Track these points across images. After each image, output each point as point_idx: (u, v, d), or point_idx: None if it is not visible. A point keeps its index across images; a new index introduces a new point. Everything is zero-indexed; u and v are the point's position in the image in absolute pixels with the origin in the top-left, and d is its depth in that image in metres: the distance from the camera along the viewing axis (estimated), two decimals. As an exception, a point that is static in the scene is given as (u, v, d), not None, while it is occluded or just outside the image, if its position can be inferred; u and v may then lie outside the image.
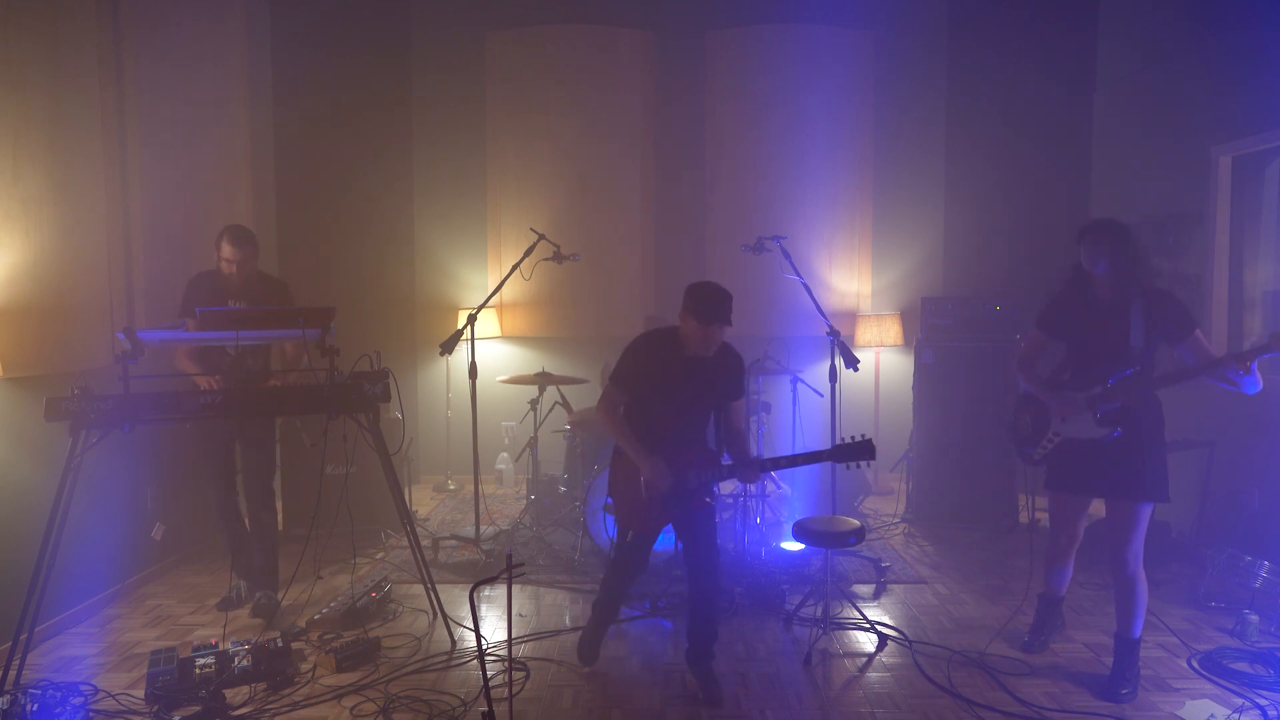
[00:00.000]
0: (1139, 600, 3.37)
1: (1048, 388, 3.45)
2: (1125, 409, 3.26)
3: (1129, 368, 3.21)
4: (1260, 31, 4.72)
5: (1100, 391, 3.26)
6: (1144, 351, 3.21)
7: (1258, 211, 5.05)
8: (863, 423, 6.82)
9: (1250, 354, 2.95)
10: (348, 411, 3.75)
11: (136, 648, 3.85)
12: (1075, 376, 3.41)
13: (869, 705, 3.31)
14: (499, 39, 7.05)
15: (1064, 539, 3.66)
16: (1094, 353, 3.34)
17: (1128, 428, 3.26)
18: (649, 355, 3.41)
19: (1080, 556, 4.43)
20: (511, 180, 7.12)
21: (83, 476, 3.45)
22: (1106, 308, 3.31)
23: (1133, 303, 3.23)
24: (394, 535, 5.48)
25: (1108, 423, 3.27)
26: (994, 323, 5.67)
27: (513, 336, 7.17)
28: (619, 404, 3.46)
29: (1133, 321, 3.20)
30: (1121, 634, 3.43)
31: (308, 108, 6.25)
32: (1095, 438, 3.30)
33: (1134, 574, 3.35)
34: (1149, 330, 3.21)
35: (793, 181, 7.00)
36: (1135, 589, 3.36)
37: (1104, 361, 3.28)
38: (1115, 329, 3.26)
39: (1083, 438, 3.34)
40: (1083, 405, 3.31)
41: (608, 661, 3.69)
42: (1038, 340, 3.59)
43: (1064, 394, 3.38)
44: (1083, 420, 3.32)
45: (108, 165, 4.40)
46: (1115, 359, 3.25)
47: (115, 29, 4.46)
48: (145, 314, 4.64)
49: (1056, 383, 3.47)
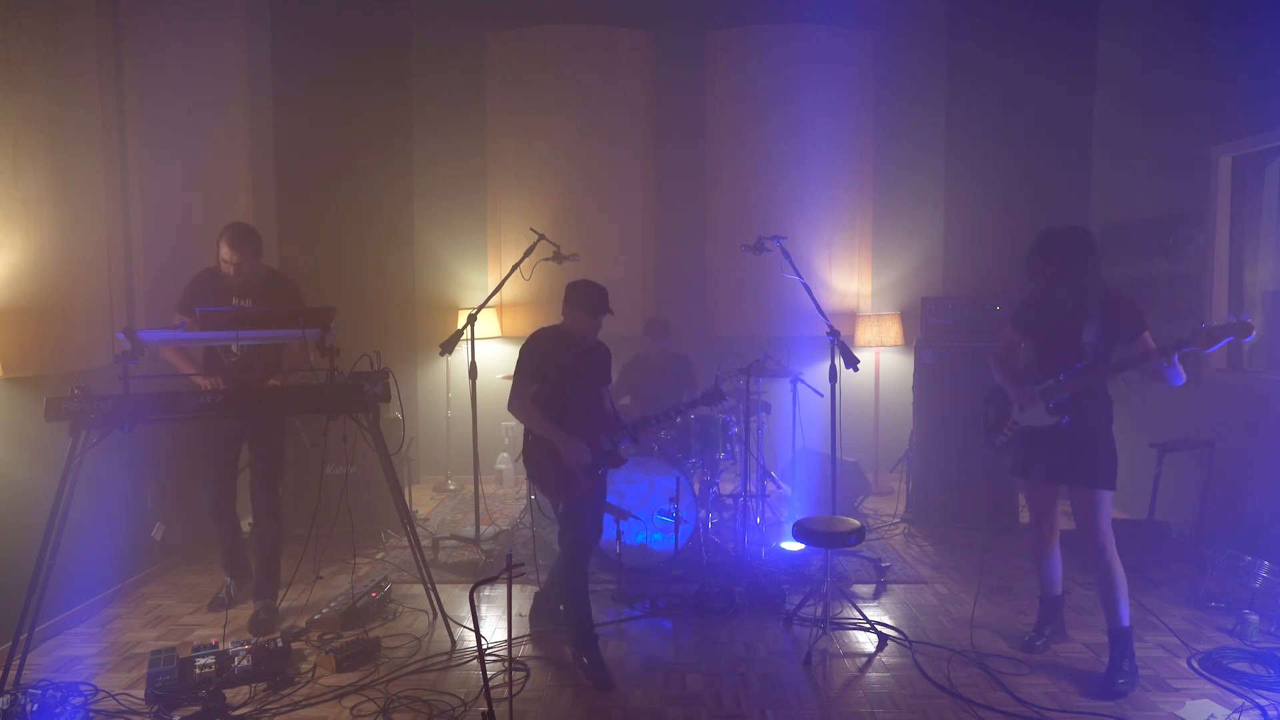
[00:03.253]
0: (1119, 587, 3.48)
1: (1012, 380, 3.71)
2: (1074, 400, 3.50)
3: (1079, 363, 3.45)
4: (1260, 31, 4.71)
5: (1052, 384, 3.53)
6: (1096, 348, 3.44)
7: (1257, 211, 5.04)
8: (863, 423, 6.84)
9: (1172, 347, 3.23)
10: (348, 411, 3.74)
11: (136, 648, 3.85)
12: (1035, 370, 3.67)
13: (869, 705, 3.31)
14: (499, 39, 7.05)
15: (1045, 528, 3.81)
16: (1052, 349, 3.60)
17: (1075, 417, 3.51)
18: (546, 346, 3.78)
19: (1080, 557, 4.45)
20: (511, 180, 7.12)
21: (83, 476, 3.45)
22: (1065, 308, 3.53)
23: (1090, 304, 3.46)
24: (394, 535, 5.48)
25: (1057, 411, 3.52)
26: (994, 323, 5.67)
27: (513, 336, 7.17)
28: (528, 392, 3.76)
29: (1088, 321, 3.44)
30: (1110, 625, 3.51)
31: (308, 108, 6.25)
32: (1046, 425, 3.56)
33: (1109, 560, 3.49)
34: (1104, 330, 3.44)
35: (793, 181, 7.01)
36: (1113, 576, 3.48)
37: (1059, 356, 3.54)
38: (1071, 327, 3.50)
39: (1036, 425, 3.60)
40: (1037, 396, 3.58)
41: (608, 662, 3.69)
42: (1012, 338, 3.80)
43: (1023, 386, 3.64)
44: (1036, 409, 3.59)
45: (108, 165, 4.40)
46: (1069, 355, 3.50)
47: (115, 29, 4.46)
48: (145, 314, 4.64)
49: (1016, 373, 3.74)
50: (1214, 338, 3.12)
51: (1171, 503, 5.01)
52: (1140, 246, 5.85)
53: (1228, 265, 5.11)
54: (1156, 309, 5.57)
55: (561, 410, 3.75)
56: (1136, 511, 5.36)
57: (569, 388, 3.77)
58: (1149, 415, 5.43)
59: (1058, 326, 3.56)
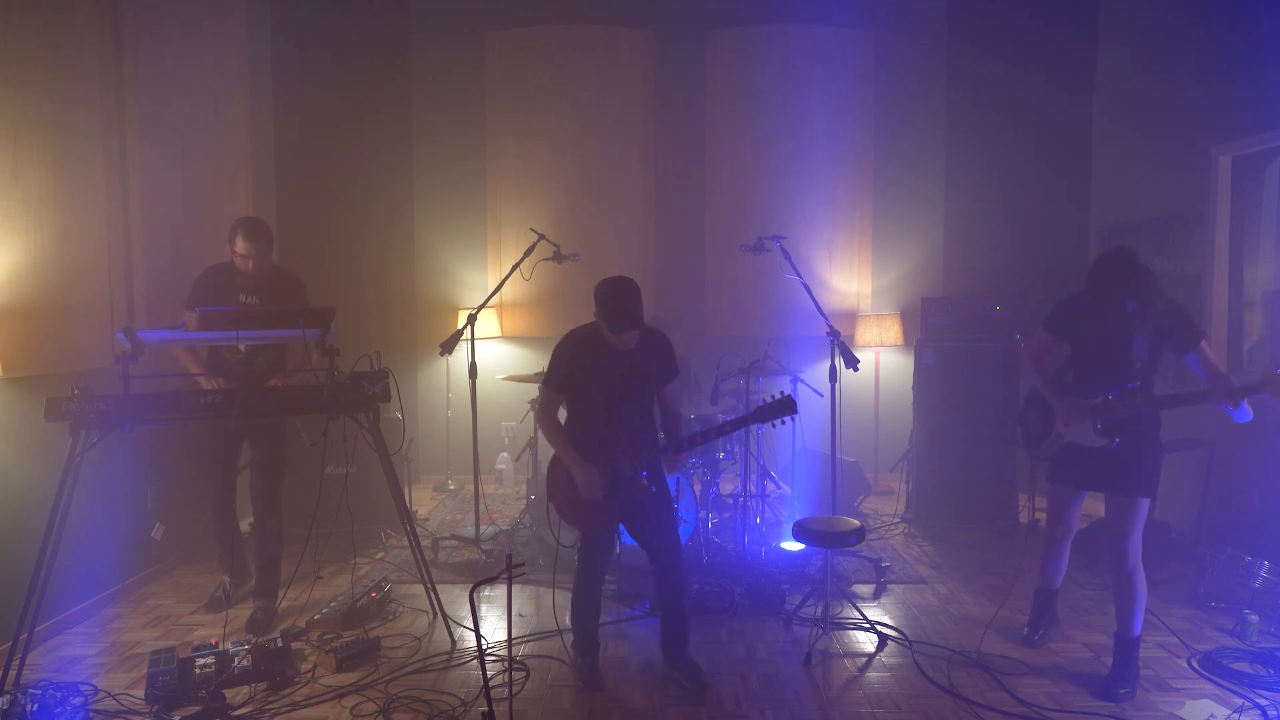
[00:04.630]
0: (1138, 597, 3.41)
1: (1058, 392, 3.52)
2: (1124, 419, 3.35)
3: (1131, 381, 3.29)
4: (1260, 31, 4.72)
5: (1102, 402, 3.35)
6: (1146, 365, 3.29)
7: (1258, 211, 5.04)
8: (863, 423, 6.84)
9: (1241, 392, 3.09)
10: (348, 411, 3.75)
11: (136, 648, 3.85)
12: (1079, 383, 3.48)
13: (869, 705, 3.31)
14: (499, 39, 7.05)
15: (1059, 529, 3.75)
16: (1099, 362, 3.42)
17: (1126, 437, 3.35)
18: (575, 352, 3.43)
19: (1080, 557, 4.45)
20: (511, 180, 7.11)
21: (83, 476, 3.45)
22: (1117, 321, 3.32)
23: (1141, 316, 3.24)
24: (394, 535, 5.48)
25: (1107, 433, 3.36)
26: (994, 323, 5.67)
27: (513, 336, 7.17)
28: (553, 406, 3.52)
29: (1140, 332, 3.26)
30: (1122, 632, 3.45)
31: (308, 107, 6.25)
32: (1095, 446, 3.39)
33: (1133, 568, 3.39)
34: (1157, 340, 3.28)
35: (793, 181, 7.00)
36: (1134, 585, 3.40)
37: (1108, 372, 3.36)
38: (1121, 341, 3.33)
39: (1083, 444, 3.43)
40: (1085, 414, 3.40)
41: (608, 662, 3.69)
42: (1046, 342, 3.64)
43: (1070, 399, 3.46)
44: (1084, 428, 3.42)
45: (108, 165, 4.39)
46: (1119, 370, 3.33)
47: (115, 29, 4.46)
48: (145, 314, 4.63)
49: (1061, 384, 3.55)
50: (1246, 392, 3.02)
51: (1171, 503, 5.01)
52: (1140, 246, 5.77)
53: (1228, 265, 5.11)
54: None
55: (590, 423, 3.46)
56: (1136, 511, 5.36)
57: (601, 397, 3.41)
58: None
59: (1105, 337, 3.37)
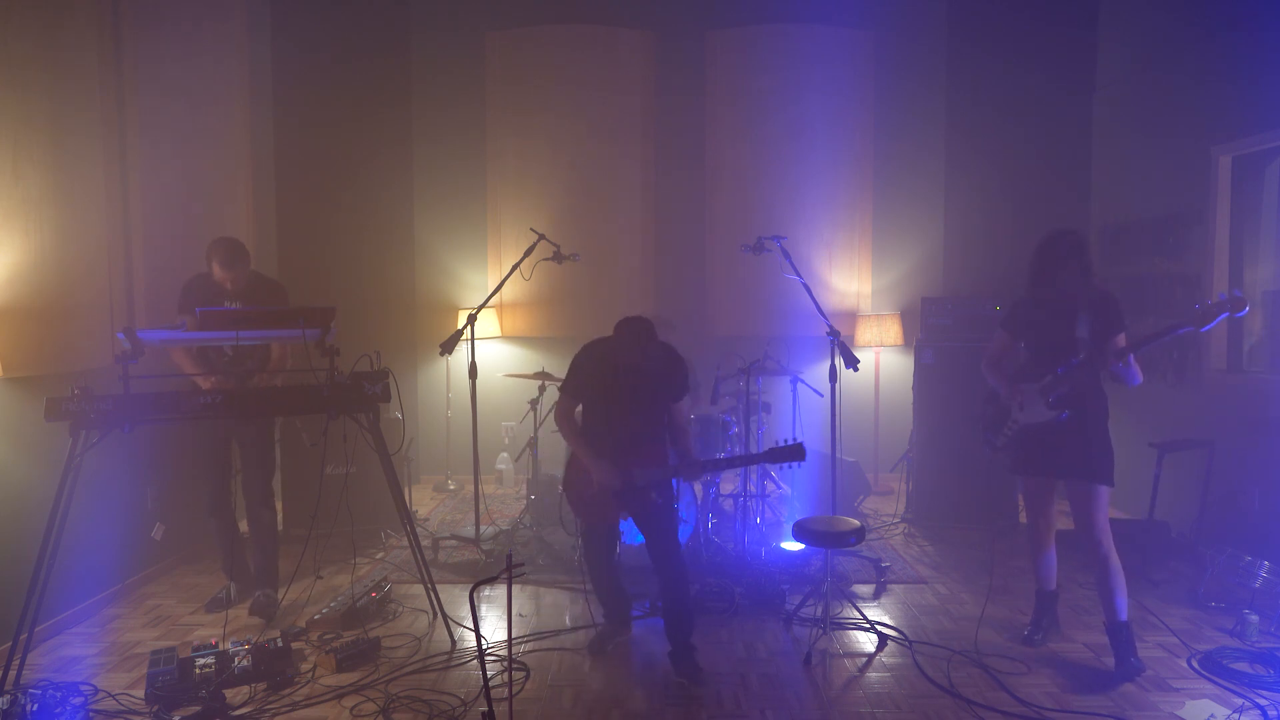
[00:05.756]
0: (1115, 580, 3.53)
1: (1011, 383, 3.75)
2: (1073, 394, 3.55)
3: (1074, 358, 3.51)
4: (1260, 31, 4.71)
5: (1050, 379, 3.56)
6: (1089, 342, 3.50)
7: (1257, 211, 5.04)
8: (863, 423, 6.84)
9: (1125, 350, 3.38)
10: (348, 411, 3.75)
11: (136, 648, 3.85)
12: (1032, 368, 3.71)
13: (869, 705, 3.31)
14: (499, 39, 7.05)
15: (1041, 524, 3.86)
16: (1046, 347, 3.65)
17: (1075, 411, 3.56)
18: (590, 364, 3.64)
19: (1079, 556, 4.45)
20: (511, 180, 7.11)
21: (83, 476, 3.45)
22: (1057, 306, 3.59)
23: (1080, 301, 3.53)
24: (394, 535, 5.48)
25: (1057, 405, 3.57)
26: (994, 323, 5.65)
27: (513, 336, 7.17)
28: (569, 411, 3.72)
29: (1080, 317, 3.53)
30: (1109, 619, 3.56)
31: (308, 107, 6.24)
32: (1047, 420, 3.59)
33: (1106, 552, 3.54)
34: (1094, 324, 3.51)
35: (793, 181, 7.00)
36: (1109, 568, 3.54)
37: (1054, 353, 3.59)
38: (1064, 324, 3.57)
39: (1037, 422, 3.63)
40: (1035, 393, 3.62)
41: (608, 661, 3.70)
42: (1004, 341, 3.86)
43: (1021, 386, 3.69)
44: (1036, 406, 3.62)
45: (108, 165, 4.40)
46: (1064, 350, 3.56)
47: (115, 29, 4.46)
48: (145, 314, 4.64)
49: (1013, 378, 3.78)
50: (1208, 316, 3.19)
51: (1171, 503, 5.01)
52: (1140, 246, 5.85)
53: (1228, 265, 5.11)
54: (1157, 309, 5.57)
55: (602, 429, 3.64)
56: (1136, 511, 5.36)
57: (613, 409, 3.61)
58: (1149, 415, 5.43)
59: (1051, 325, 3.62)
